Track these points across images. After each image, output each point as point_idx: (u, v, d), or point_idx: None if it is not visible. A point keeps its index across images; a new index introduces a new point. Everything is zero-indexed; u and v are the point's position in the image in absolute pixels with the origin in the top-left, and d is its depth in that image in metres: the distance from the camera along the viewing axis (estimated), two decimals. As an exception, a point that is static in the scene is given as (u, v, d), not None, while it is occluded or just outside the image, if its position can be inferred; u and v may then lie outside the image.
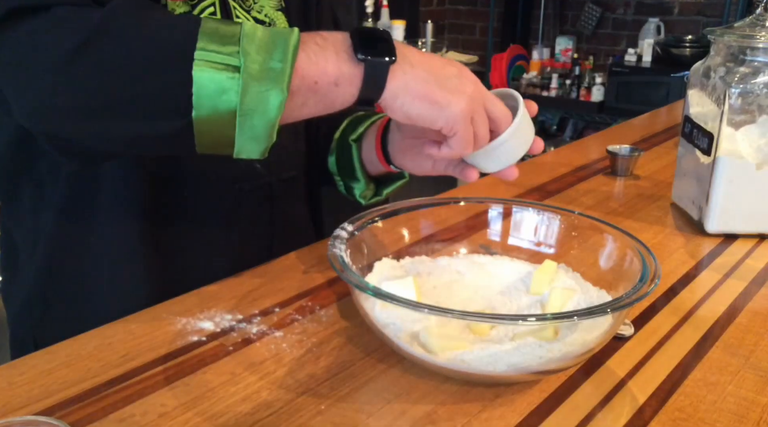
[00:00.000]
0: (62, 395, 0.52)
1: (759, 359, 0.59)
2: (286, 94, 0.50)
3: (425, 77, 0.54)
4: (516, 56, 3.74)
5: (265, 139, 0.52)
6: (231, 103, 0.49)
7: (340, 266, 0.54)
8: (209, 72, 0.49)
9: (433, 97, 0.54)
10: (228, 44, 0.50)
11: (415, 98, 0.54)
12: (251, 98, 0.50)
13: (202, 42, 0.49)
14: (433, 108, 0.54)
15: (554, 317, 0.51)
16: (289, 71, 0.50)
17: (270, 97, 0.50)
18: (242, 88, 0.49)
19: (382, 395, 0.53)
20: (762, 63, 0.81)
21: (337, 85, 0.52)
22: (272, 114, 0.50)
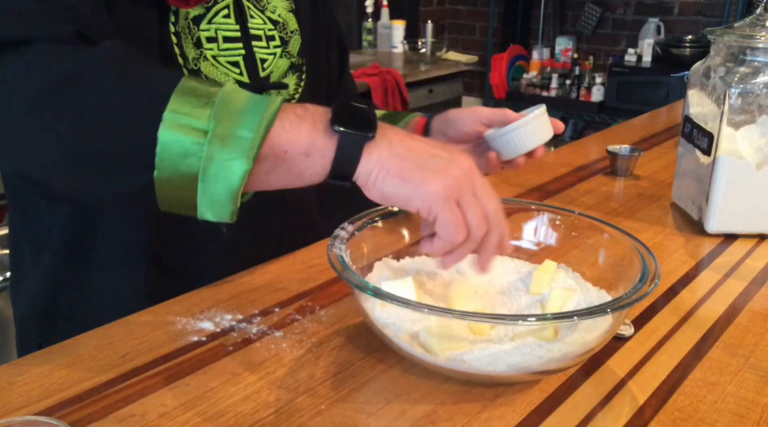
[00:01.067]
0: (62, 395, 0.52)
1: (759, 359, 0.59)
2: (250, 164, 0.48)
3: (402, 155, 0.51)
4: (516, 56, 3.75)
5: (228, 205, 0.50)
6: (193, 168, 0.48)
7: (341, 266, 0.54)
8: (175, 134, 0.48)
9: (407, 174, 0.50)
10: (201, 107, 0.48)
11: (388, 175, 0.50)
12: (214, 165, 0.48)
13: (174, 103, 0.48)
14: (405, 186, 0.50)
15: (554, 317, 0.51)
16: (259, 142, 0.48)
17: (233, 166, 0.48)
18: (206, 154, 0.48)
19: (382, 395, 0.53)
20: (762, 63, 0.81)
21: (307, 156, 0.50)
22: (234, 183, 0.49)
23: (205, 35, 0.70)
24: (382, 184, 0.51)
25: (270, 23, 0.77)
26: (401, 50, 3.20)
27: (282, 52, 0.78)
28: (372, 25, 3.28)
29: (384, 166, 0.50)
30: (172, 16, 0.68)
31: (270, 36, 0.77)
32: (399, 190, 0.50)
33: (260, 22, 0.76)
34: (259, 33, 0.76)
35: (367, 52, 3.28)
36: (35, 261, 0.74)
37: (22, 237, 0.75)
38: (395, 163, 0.50)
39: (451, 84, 3.20)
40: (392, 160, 0.50)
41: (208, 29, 0.71)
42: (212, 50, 0.71)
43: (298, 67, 0.81)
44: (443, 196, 0.50)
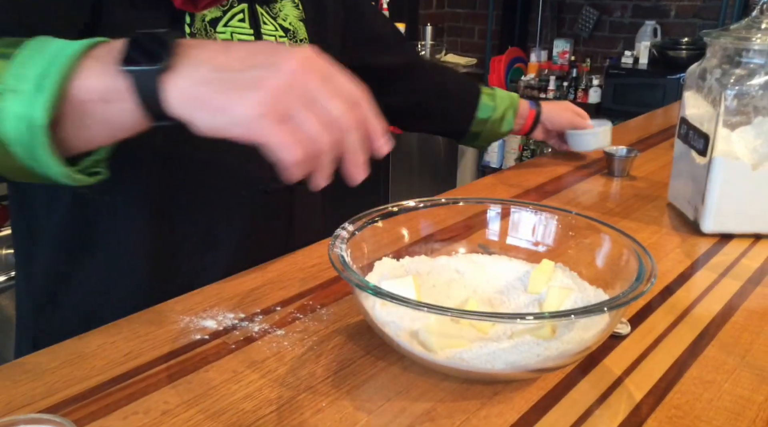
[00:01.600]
0: (66, 393, 0.53)
1: (755, 358, 0.60)
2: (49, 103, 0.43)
3: (208, 79, 0.43)
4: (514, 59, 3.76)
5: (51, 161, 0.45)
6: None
7: (341, 265, 0.54)
8: None
9: (213, 102, 0.43)
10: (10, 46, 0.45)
11: (196, 108, 0.43)
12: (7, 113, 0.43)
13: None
14: (217, 116, 0.43)
15: (552, 315, 0.52)
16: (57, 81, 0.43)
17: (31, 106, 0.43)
18: None
19: (383, 392, 0.54)
20: (758, 65, 0.82)
21: (107, 103, 0.44)
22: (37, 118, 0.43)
23: (221, 38, 0.71)
24: (198, 120, 0.44)
25: (281, 30, 0.78)
26: (400, 52, 3.21)
27: None
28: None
29: (191, 98, 0.43)
30: (188, 17, 0.68)
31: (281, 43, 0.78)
32: (213, 123, 0.43)
33: (272, 29, 0.77)
34: (271, 39, 0.77)
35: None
36: (36, 254, 0.74)
37: (23, 230, 0.75)
38: (201, 91, 0.43)
39: (449, 86, 3.20)
40: (197, 88, 0.43)
41: (224, 32, 0.71)
42: None
43: None
44: (256, 117, 0.42)
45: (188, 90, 0.43)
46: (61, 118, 0.45)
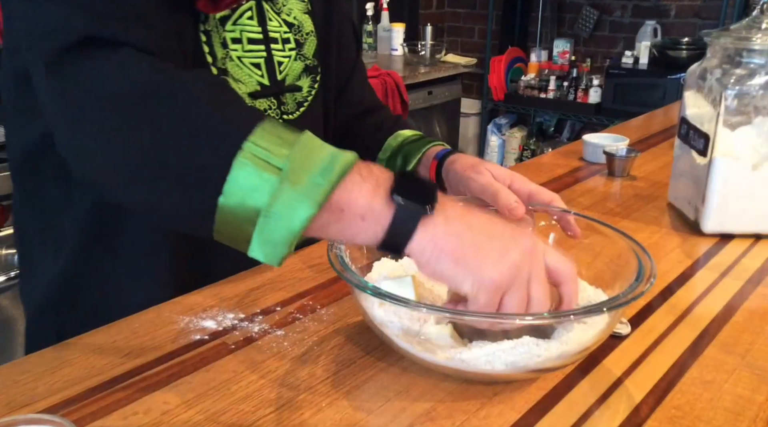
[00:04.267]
0: (66, 393, 0.53)
1: (755, 358, 0.60)
2: (315, 210, 0.47)
3: (459, 234, 0.49)
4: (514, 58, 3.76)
5: (282, 247, 0.49)
6: (259, 202, 0.47)
7: (340, 266, 0.54)
8: (250, 166, 0.47)
9: (461, 256, 0.48)
10: (281, 146, 0.48)
11: (442, 254, 0.48)
12: (280, 203, 0.47)
13: (257, 136, 0.48)
14: (459, 268, 0.48)
15: (552, 315, 0.52)
16: (328, 191, 0.48)
17: (298, 208, 0.47)
18: (275, 191, 0.47)
19: (382, 392, 0.54)
20: (758, 65, 0.82)
21: (363, 220, 0.49)
22: (296, 225, 0.48)
23: (230, 36, 0.71)
24: (436, 263, 0.49)
25: (285, 26, 0.78)
26: (401, 53, 3.21)
27: (297, 55, 0.79)
28: (372, 28, 3.29)
29: (438, 245, 0.49)
30: (202, 14, 0.68)
31: (285, 39, 0.78)
32: (452, 272, 0.49)
33: (277, 25, 0.77)
34: (276, 36, 0.77)
35: (367, 54, 3.28)
36: (51, 256, 0.74)
37: (34, 233, 0.75)
38: (451, 242, 0.49)
39: (450, 86, 3.21)
40: (447, 238, 0.49)
41: (233, 30, 0.72)
42: (237, 51, 0.72)
43: (313, 69, 0.81)
44: (495, 286, 0.48)
45: (441, 238, 0.48)
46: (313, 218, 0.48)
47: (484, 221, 0.51)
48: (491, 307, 0.49)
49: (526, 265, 0.49)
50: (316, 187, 0.48)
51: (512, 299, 0.49)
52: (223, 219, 0.49)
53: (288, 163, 0.48)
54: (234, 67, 0.72)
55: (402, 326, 0.54)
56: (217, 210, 0.48)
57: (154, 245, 0.72)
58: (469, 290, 0.49)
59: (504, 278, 0.48)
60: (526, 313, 0.50)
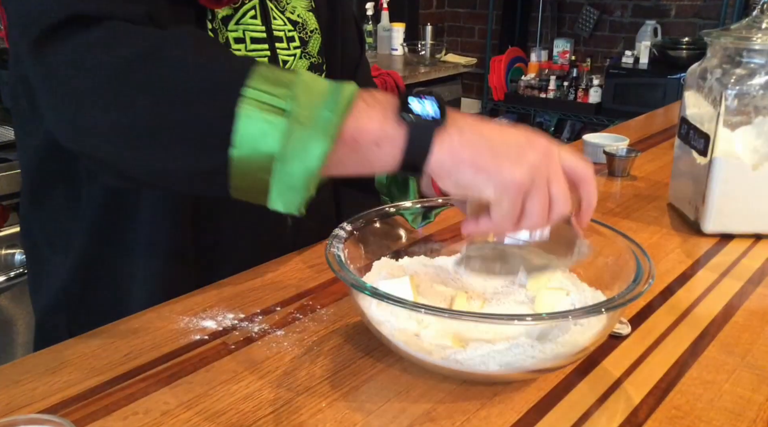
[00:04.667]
0: (66, 393, 0.53)
1: (755, 358, 0.60)
2: (330, 145, 0.47)
3: (475, 142, 0.49)
4: (514, 58, 3.76)
5: (302, 189, 0.48)
6: (271, 146, 0.47)
7: (338, 265, 0.54)
8: (255, 111, 0.47)
9: (481, 163, 0.48)
10: (280, 87, 0.48)
11: (461, 164, 0.48)
12: (293, 144, 0.47)
13: (254, 80, 0.47)
14: (480, 175, 0.48)
15: (549, 316, 0.52)
16: (338, 122, 0.47)
17: (312, 145, 0.47)
18: (285, 132, 0.47)
19: (382, 393, 0.54)
20: (758, 65, 0.82)
21: (378, 146, 0.48)
22: (313, 163, 0.47)
23: (233, 36, 0.71)
24: (457, 174, 0.49)
25: (290, 24, 0.78)
26: (401, 52, 3.21)
27: (301, 53, 0.79)
28: (372, 28, 3.29)
29: (456, 155, 0.48)
30: (209, 13, 0.68)
31: (290, 37, 0.77)
32: (473, 180, 0.49)
33: (281, 23, 0.77)
34: (280, 34, 0.76)
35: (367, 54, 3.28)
36: (61, 257, 0.74)
37: (43, 235, 0.75)
38: (468, 151, 0.48)
39: (450, 86, 3.21)
40: (464, 148, 0.48)
41: (236, 30, 0.71)
42: (240, 51, 0.71)
43: (318, 67, 0.81)
44: (517, 186, 0.48)
45: (458, 149, 0.48)
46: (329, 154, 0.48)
47: (497, 129, 0.51)
48: (514, 210, 0.49)
49: (544, 165, 0.49)
50: (326, 121, 0.47)
51: (534, 200, 0.49)
52: (237, 171, 0.48)
53: (292, 103, 0.47)
54: None
55: (398, 326, 0.54)
56: (230, 163, 0.47)
57: (160, 243, 0.72)
58: (492, 194, 0.49)
59: (525, 178, 0.48)
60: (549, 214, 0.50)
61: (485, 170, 0.48)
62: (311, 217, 0.84)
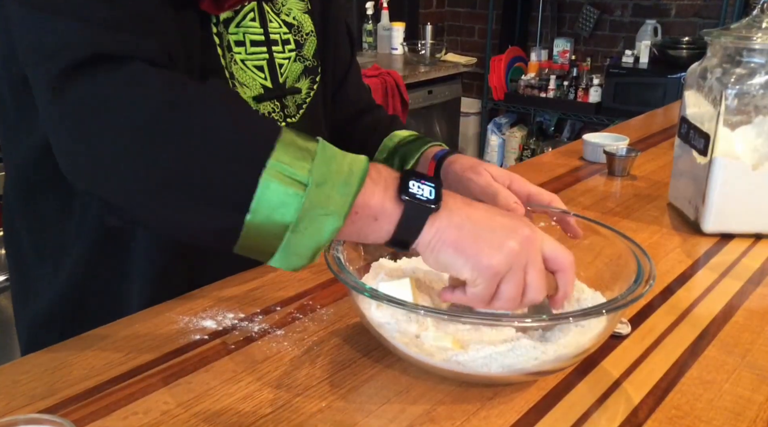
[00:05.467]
0: (66, 393, 0.53)
1: (755, 358, 0.60)
2: (342, 222, 0.49)
3: (460, 225, 0.51)
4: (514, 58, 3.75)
5: (306, 258, 0.51)
6: (287, 218, 0.48)
7: (337, 267, 0.54)
8: (276, 183, 0.48)
9: (462, 245, 0.51)
10: (302, 159, 0.49)
11: (444, 245, 0.51)
12: (308, 219, 0.49)
13: (279, 152, 0.48)
14: (460, 257, 0.51)
15: (550, 318, 0.52)
16: (351, 201, 0.49)
17: (326, 223, 0.49)
18: (303, 207, 0.48)
19: (382, 393, 0.54)
20: (758, 64, 0.82)
21: (375, 220, 0.51)
22: (323, 238, 0.49)
23: (234, 39, 0.71)
24: (438, 253, 0.51)
25: (285, 26, 0.77)
26: (401, 52, 3.21)
27: (296, 56, 0.78)
28: (372, 27, 3.29)
29: (441, 236, 0.51)
30: (213, 17, 0.68)
31: (285, 40, 0.77)
32: (452, 260, 0.51)
33: (276, 26, 0.76)
34: (276, 37, 0.76)
35: (367, 53, 3.28)
36: (50, 270, 0.72)
37: (31, 246, 0.73)
38: (452, 233, 0.51)
39: (450, 85, 3.21)
40: (450, 230, 0.51)
41: (236, 33, 0.71)
42: (240, 54, 0.71)
43: (313, 70, 0.81)
44: (492, 272, 0.50)
45: (444, 230, 0.51)
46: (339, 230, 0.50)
47: (485, 213, 0.53)
48: (489, 292, 0.51)
49: (523, 252, 0.51)
50: (341, 200, 0.49)
51: (509, 285, 0.51)
52: (248, 235, 0.49)
53: (312, 178, 0.49)
54: (238, 71, 0.71)
55: (399, 328, 0.54)
56: (244, 227, 0.49)
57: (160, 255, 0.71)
58: (468, 276, 0.51)
59: (501, 264, 0.50)
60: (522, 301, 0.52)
61: (465, 253, 0.51)
62: None
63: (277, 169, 0.48)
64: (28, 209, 0.72)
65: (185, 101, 0.50)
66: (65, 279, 0.72)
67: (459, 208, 0.52)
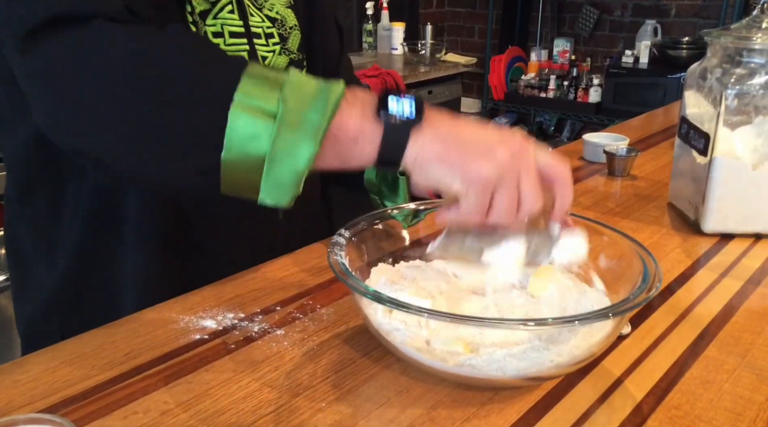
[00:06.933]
0: (65, 392, 0.53)
1: (755, 358, 0.60)
2: (317, 147, 0.49)
3: (447, 138, 0.51)
4: (514, 58, 3.76)
5: (291, 188, 0.51)
6: (261, 149, 0.49)
7: (344, 274, 0.53)
8: (245, 116, 0.48)
9: (449, 158, 0.50)
10: (270, 90, 0.49)
11: (431, 159, 0.50)
12: (282, 147, 0.49)
13: (245, 85, 0.49)
14: (448, 169, 0.50)
15: (555, 321, 0.52)
16: (325, 125, 0.49)
17: (301, 148, 0.49)
18: (275, 136, 0.48)
19: (382, 392, 0.54)
20: (758, 64, 0.82)
21: (355, 142, 0.51)
22: (301, 165, 0.49)
23: (211, 30, 0.71)
24: (427, 169, 0.51)
25: (268, 21, 0.78)
26: (401, 52, 3.21)
27: (281, 49, 0.79)
28: (372, 28, 3.29)
29: (427, 151, 0.50)
30: (188, 5, 0.68)
31: (269, 34, 0.78)
32: (442, 174, 0.51)
33: (259, 20, 0.77)
34: (258, 31, 0.76)
35: (367, 53, 3.28)
36: (46, 262, 0.73)
37: (28, 239, 0.74)
38: (438, 146, 0.50)
39: (450, 85, 3.21)
40: (435, 143, 0.50)
41: (214, 24, 0.71)
42: (219, 46, 0.72)
43: (298, 63, 0.81)
44: (483, 182, 0.50)
45: (428, 144, 0.50)
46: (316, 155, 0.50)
47: (472, 127, 0.52)
48: (481, 203, 0.51)
49: (515, 162, 0.50)
50: (314, 125, 0.49)
51: (502, 195, 0.50)
52: (227, 172, 0.50)
53: (281, 106, 0.49)
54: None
55: (408, 334, 0.53)
56: (222, 165, 0.49)
57: (153, 243, 0.72)
58: (459, 188, 0.50)
59: (492, 173, 0.50)
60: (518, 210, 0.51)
61: (453, 165, 0.50)
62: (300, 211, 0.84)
63: (245, 102, 0.48)
64: (24, 204, 0.73)
65: (150, 50, 0.51)
66: (61, 271, 0.73)
67: (444, 122, 0.51)
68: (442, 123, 0.51)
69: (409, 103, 0.51)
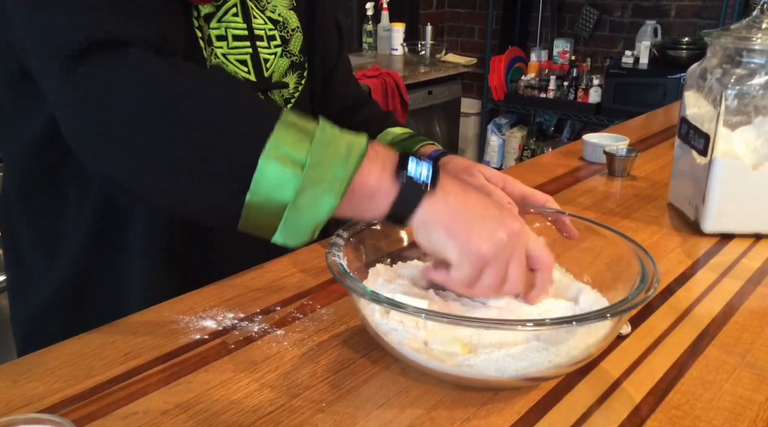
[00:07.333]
0: (65, 392, 0.53)
1: (755, 358, 0.60)
2: (339, 201, 0.51)
3: (455, 210, 0.53)
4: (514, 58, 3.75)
5: (305, 235, 0.53)
6: (285, 196, 0.50)
7: (342, 275, 0.54)
8: (274, 163, 0.50)
9: (454, 228, 0.52)
10: (301, 140, 0.51)
11: (437, 227, 0.52)
12: (306, 198, 0.50)
13: (278, 133, 0.50)
14: (450, 238, 0.52)
15: (553, 322, 0.52)
16: (348, 180, 0.51)
17: (323, 200, 0.51)
18: (300, 186, 0.50)
19: (382, 392, 0.54)
20: (758, 65, 0.82)
21: (372, 198, 0.52)
22: (321, 215, 0.51)
23: (215, 33, 0.72)
24: (430, 233, 0.53)
25: (270, 23, 0.78)
26: (401, 52, 3.21)
27: (282, 52, 0.79)
28: (372, 28, 3.29)
29: (436, 218, 0.52)
30: (194, 10, 0.69)
31: (271, 36, 0.78)
32: (442, 241, 0.53)
33: (261, 22, 0.77)
34: (261, 33, 0.77)
35: (367, 54, 3.28)
36: (47, 261, 0.73)
37: (28, 239, 0.74)
38: (446, 217, 0.52)
39: (450, 86, 3.21)
40: (444, 212, 0.52)
41: (218, 27, 0.72)
42: (222, 49, 0.72)
43: (300, 65, 0.82)
44: (479, 258, 0.52)
45: (439, 212, 0.53)
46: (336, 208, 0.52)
47: (479, 202, 0.54)
48: (472, 277, 0.53)
49: (510, 245, 0.53)
50: (338, 180, 0.51)
51: (490, 273, 0.53)
52: (249, 214, 0.51)
53: (309, 158, 0.50)
54: (219, 64, 0.72)
55: (406, 335, 0.53)
56: (245, 206, 0.51)
57: (156, 245, 0.72)
58: (456, 258, 0.53)
59: (489, 252, 0.52)
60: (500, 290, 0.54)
61: (456, 236, 0.52)
62: None
63: (276, 150, 0.50)
64: (24, 202, 0.73)
65: (188, 83, 0.53)
66: (63, 270, 0.73)
67: (455, 193, 0.54)
68: (453, 192, 0.53)
69: (427, 168, 0.53)
